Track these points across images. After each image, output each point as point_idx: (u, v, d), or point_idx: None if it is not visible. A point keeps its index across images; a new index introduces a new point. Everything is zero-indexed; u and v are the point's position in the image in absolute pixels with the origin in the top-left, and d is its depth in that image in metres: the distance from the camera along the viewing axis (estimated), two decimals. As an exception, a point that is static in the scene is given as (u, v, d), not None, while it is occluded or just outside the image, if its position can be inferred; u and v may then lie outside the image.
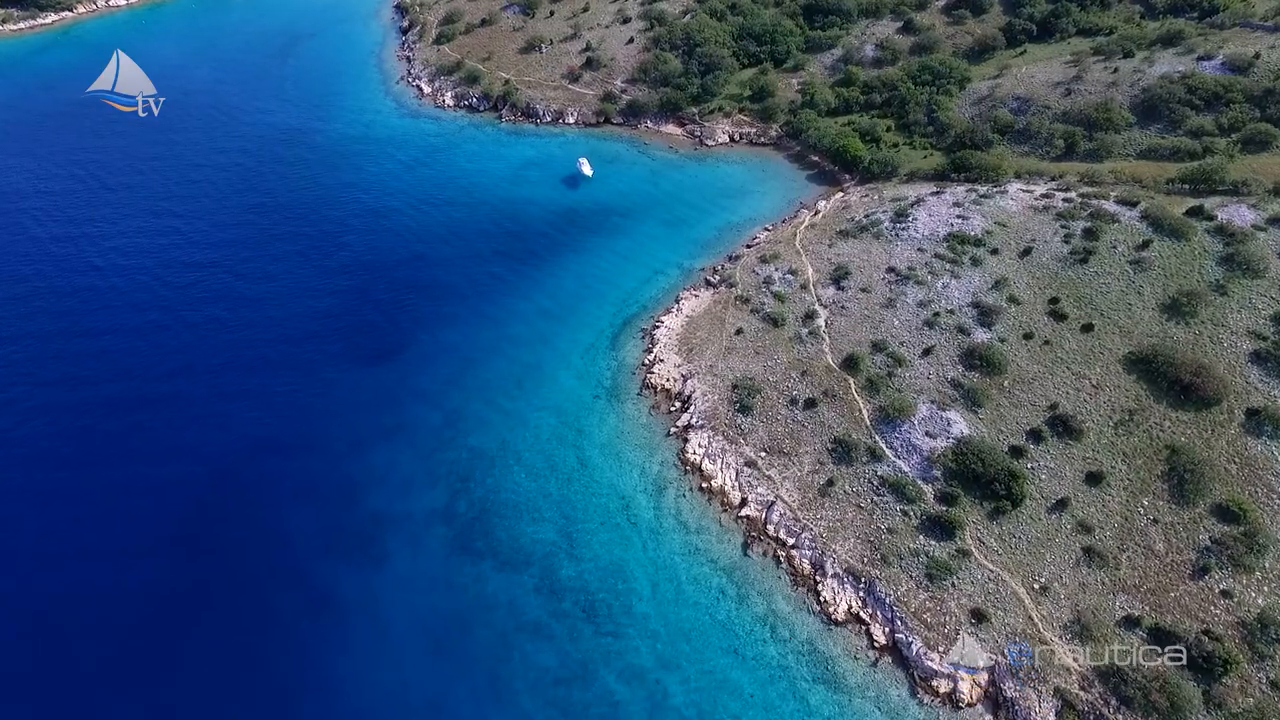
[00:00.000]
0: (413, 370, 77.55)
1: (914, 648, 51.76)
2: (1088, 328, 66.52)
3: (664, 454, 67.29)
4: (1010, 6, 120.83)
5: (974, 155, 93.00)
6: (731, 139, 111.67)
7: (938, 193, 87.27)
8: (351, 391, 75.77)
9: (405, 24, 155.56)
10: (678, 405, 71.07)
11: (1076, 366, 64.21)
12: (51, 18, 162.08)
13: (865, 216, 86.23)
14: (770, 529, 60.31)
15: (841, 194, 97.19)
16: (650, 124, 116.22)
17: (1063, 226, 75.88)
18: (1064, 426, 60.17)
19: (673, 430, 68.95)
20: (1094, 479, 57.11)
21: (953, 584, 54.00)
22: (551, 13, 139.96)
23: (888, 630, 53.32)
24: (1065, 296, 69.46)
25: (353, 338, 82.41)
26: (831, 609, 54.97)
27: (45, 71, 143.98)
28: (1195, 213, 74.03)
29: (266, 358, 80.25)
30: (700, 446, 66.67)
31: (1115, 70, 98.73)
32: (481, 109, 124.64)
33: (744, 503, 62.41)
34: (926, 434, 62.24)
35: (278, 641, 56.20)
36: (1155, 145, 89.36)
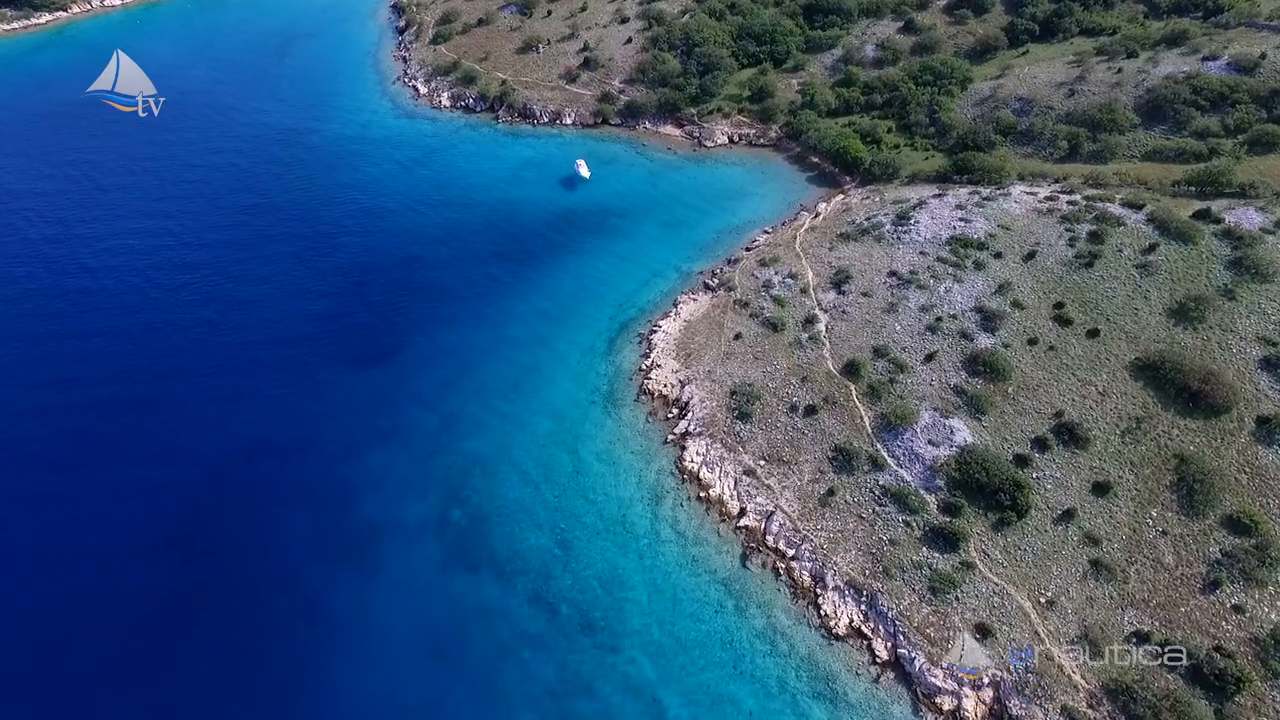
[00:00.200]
0: (408, 373, 76.64)
1: (917, 663, 50.48)
2: (1093, 333, 65.35)
3: (661, 462, 66.08)
4: (1012, 6, 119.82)
5: (976, 157, 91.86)
6: (730, 140, 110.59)
7: (940, 195, 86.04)
8: (346, 394, 74.86)
9: (402, 24, 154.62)
10: (675, 412, 69.84)
11: (1082, 373, 62.97)
12: (46, 17, 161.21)
13: (866, 219, 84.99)
14: (769, 540, 59.06)
15: (842, 196, 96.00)
16: (648, 125, 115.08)
17: (1067, 229, 74.71)
18: (1070, 435, 58.94)
19: (670, 437, 67.72)
20: (1101, 489, 55.87)
21: (957, 597, 52.73)
22: (549, 12, 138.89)
23: (890, 645, 52.03)
24: (1070, 301, 68.27)
25: (348, 340, 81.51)
26: (832, 623, 53.71)
27: (40, 71, 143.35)
28: (1202, 215, 73.00)
29: (260, 360, 79.39)
30: (698, 454, 65.41)
31: (1119, 70, 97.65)
32: (478, 109, 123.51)
33: (743, 512, 61.15)
34: (929, 442, 60.99)
35: (270, 647, 55.27)
36: (1160, 147, 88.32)
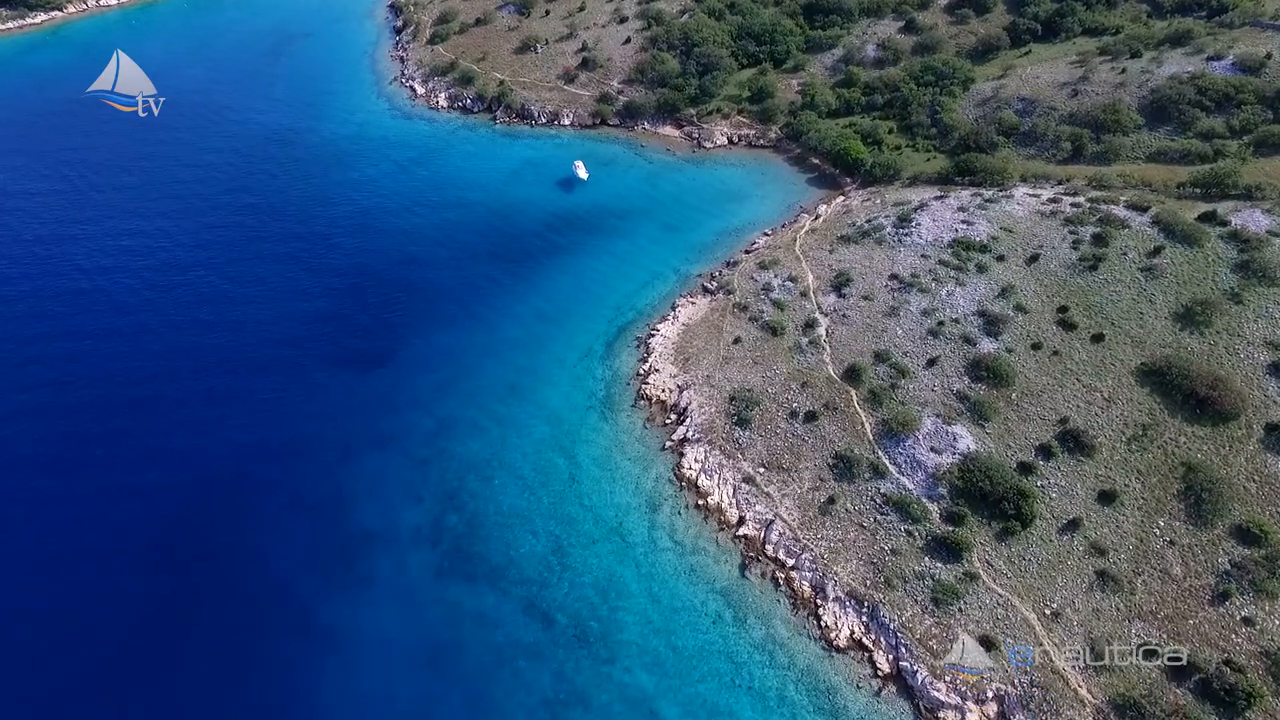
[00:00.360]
0: (405, 375, 75.81)
1: (919, 676, 49.38)
2: (1098, 338, 64.29)
3: (659, 469, 64.98)
4: (1014, 5, 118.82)
5: (978, 158, 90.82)
6: (730, 141, 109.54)
7: (941, 197, 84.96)
8: (342, 396, 73.98)
9: (399, 23, 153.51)
10: (673, 417, 68.75)
11: (1087, 378, 61.91)
12: (41, 17, 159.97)
13: (867, 221, 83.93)
14: (769, 549, 57.93)
15: (842, 198, 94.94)
16: (647, 125, 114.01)
17: (1071, 232, 73.66)
18: (1075, 442, 57.87)
19: (668, 444, 66.62)
20: (1107, 498, 54.79)
21: (960, 609, 51.57)
22: (547, 12, 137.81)
23: (892, 658, 50.92)
24: (1074, 305, 67.21)
25: (344, 341, 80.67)
26: (833, 634, 52.61)
27: (35, 71, 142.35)
28: (1208, 218, 72.06)
29: (255, 361, 78.55)
30: (696, 461, 64.32)
31: (1123, 71, 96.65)
32: (475, 110, 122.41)
33: (741, 521, 60.02)
34: (931, 449, 59.89)
35: (263, 656, 54.35)
36: (1165, 148, 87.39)
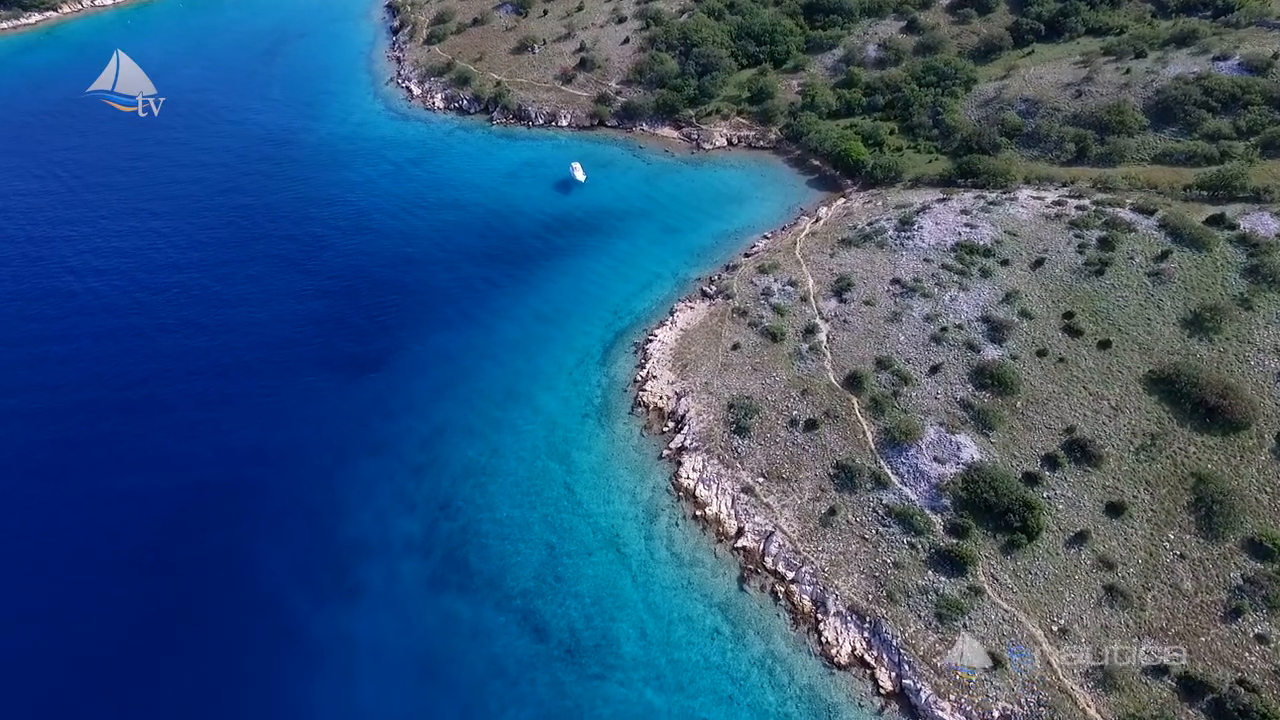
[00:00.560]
0: (400, 379, 74.85)
1: (923, 695, 48.00)
2: (1105, 344, 62.91)
3: (656, 478, 63.61)
4: (1017, 5, 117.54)
5: (981, 160, 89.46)
6: (729, 142, 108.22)
7: (944, 199, 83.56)
8: (336, 400, 72.97)
9: (396, 24, 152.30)
10: (671, 425, 67.36)
11: (1094, 386, 60.50)
12: (35, 17, 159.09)
13: (868, 224, 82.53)
14: (768, 561, 56.55)
15: (843, 200, 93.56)
16: (646, 127, 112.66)
17: (1076, 236, 72.27)
18: (1082, 452, 56.49)
19: (665, 453, 65.23)
20: (1115, 510, 53.39)
21: (964, 625, 50.17)
22: (545, 12, 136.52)
23: (895, 675, 49.53)
24: (1080, 311, 65.83)
25: (338, 344, 79.64)
26: (834, 651, 51.22)
27: (30, 71, 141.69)
28: (1216, 221, 70.71)
29: (247, 364, 77.53)
30: (694, 470, 62.95)
31: (1127, 71, 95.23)
32: (472, 111, 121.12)
33: (740, 532, 58.65)
34: (935, 459, 58.51)
35: (252, 666, 53.45)
36: (1170, 149, 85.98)
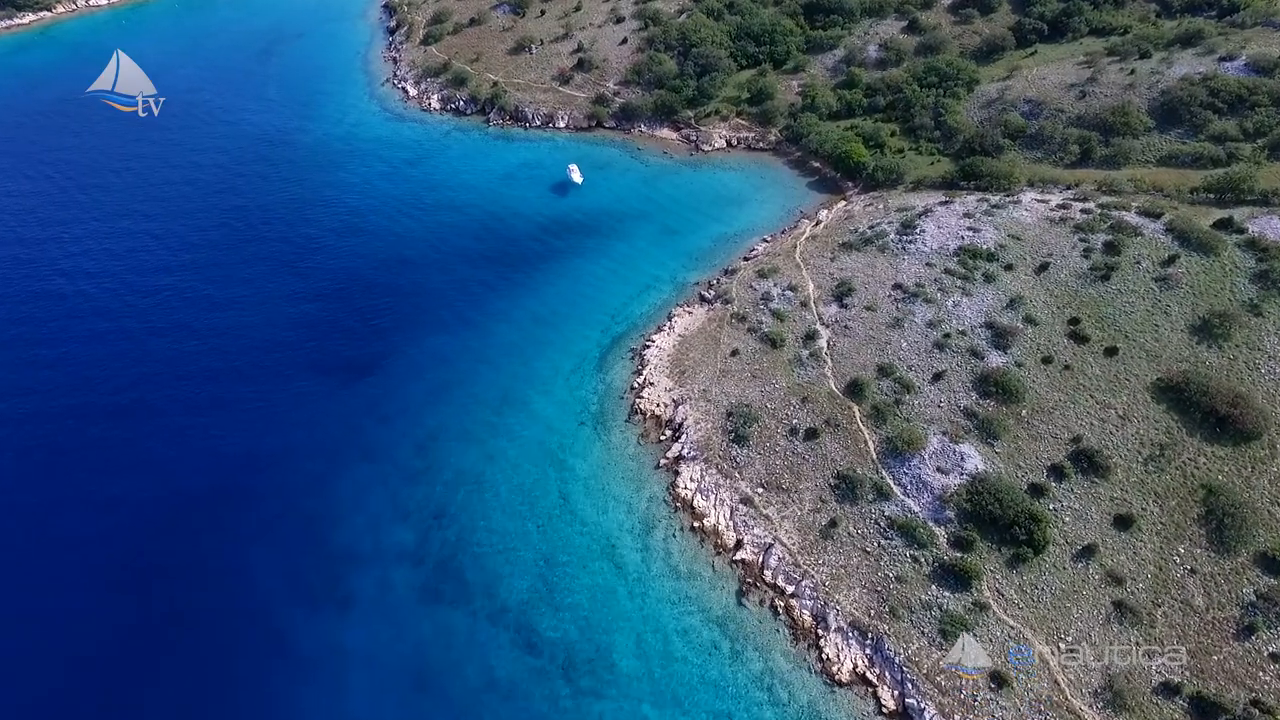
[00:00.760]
0: (395, 383, 73.99)
1: (926, 714, 46.67)
2: (1111, 351, 61.60)
3: (653, 488, 62.31)
4: (1019, 5, 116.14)
5: (984, 162, 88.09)
6: (729, 144, 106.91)
7: (946, 202, 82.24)
8: (329, 404, 72.04)
9: (393, 24, 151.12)
10: (668, 434, 66.04)
11: (1101, 394, 59.18)
12: (30, 17, 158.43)
13: (869, 227, 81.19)
14: (768, 575, 55.23)
15: (844, 203, 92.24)
16: (644, 128, 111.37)
17: (1081, 240, 70.98)
18: (1089, 462, 55.18)
19: (662, 462, 63.95)
20: (1123, 522, 52.09)
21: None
22: (542, 12, 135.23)
23: (897, 694, 48.22)
24: (1086, 317, 64.51)
25: (332, 347, 78.70)
26: (835, 668, 49.91)
27: (24, 71, 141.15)
28: (1224, 225, 69.51)
29: (239, 368, 76.64)
30: (692, 480, 61.63)
31: (1132, 72, 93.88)
32: (469, 112, 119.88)
33: (739, 545, 57.32)
34: (938, 469, 57.16)
35: (241, 678, 52.62)
36: (1176, 151, 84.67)
